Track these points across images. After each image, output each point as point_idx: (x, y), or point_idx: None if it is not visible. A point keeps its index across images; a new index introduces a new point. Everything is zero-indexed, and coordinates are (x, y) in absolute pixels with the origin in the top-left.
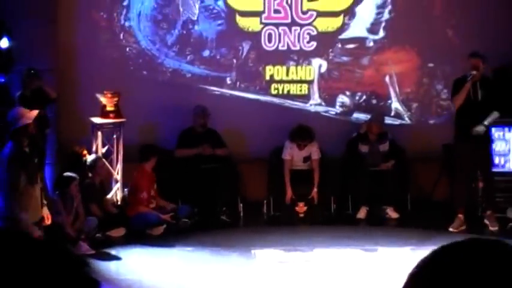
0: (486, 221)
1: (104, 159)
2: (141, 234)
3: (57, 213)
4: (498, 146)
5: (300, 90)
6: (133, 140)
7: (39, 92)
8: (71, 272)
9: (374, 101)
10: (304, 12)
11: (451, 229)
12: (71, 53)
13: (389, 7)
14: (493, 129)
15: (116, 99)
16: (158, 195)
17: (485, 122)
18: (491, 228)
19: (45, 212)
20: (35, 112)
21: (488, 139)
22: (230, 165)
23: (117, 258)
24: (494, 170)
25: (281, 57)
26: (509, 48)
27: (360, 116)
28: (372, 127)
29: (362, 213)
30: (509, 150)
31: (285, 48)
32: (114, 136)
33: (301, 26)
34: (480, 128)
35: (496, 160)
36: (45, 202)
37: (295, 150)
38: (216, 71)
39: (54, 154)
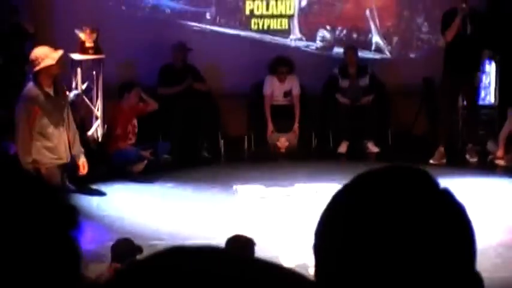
0: (467, 155)
1: (84, 96)
2: (122, 171)
3: None
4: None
5: (280, 25)
6: (113, 76)
7: (17, 28)
8: (48, 198)
9: (354, 36)
10: None
11: (431, 161)
12: None
13: None
14: None
15: (94, 35)
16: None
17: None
18: (470, 160)
19: (82, 160)
20: (60, 52)
21: (476, 72)
22: (210, 101)
23: (98, 194)
24: None
25: None
26: None
27: (340, 51)
28: (349, 58)
29: (343, 148)
30: (489, 83)
31: None
32: (94, 73)
33: None
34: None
35: None
36: (82, 150)
37: (276, 83)
38: (196, 6)
39: None
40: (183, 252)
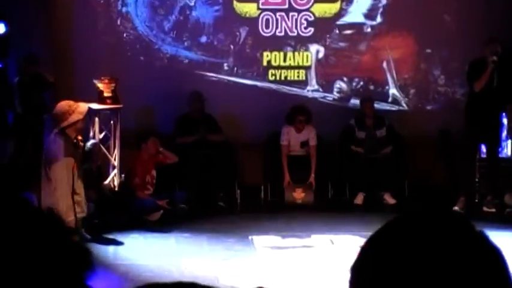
0: (485, 207)
1: (101, 145)
2: (139, 220)
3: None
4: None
5: (298, 76)
6: (131, 125)
7: (37, 77)
8: (65, 240)
9: (371, 87)
10: None
11: (456, 208)
12: (68, 39)
13: None
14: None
15: (113, 85)
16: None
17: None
18: (488, 211)
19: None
20: (87, 106)
21: (498, 124)
22: (227, 150)
23: (114, 243)
24: None
25: (278, 43)
26: (507, 34)
27: (357, 102)
28: (365, 108)
29: (359, 199)
30: (506, 137)
31: (283, 33)
32: (112, 122)
33: (299, 11)
34: None
35: None
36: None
37: (293, 134)
38: (213, 56)
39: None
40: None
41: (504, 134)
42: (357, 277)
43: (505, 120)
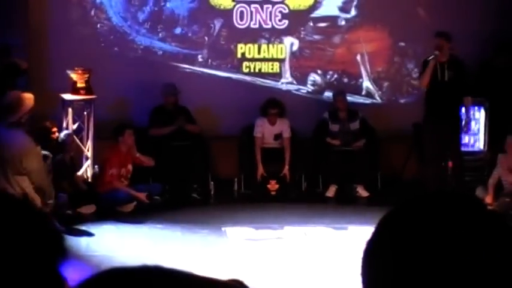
0: None
1: (74, 136)
2: (111, 211)
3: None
4: (472, 125)
5: (272, 69)
6: (104, 117)
7: (10, 66)
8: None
9: (345, 80)
10: None
11: None
12: (41, 29)
13: None
14: (463, 109)
15: (86, 75)
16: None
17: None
18: None
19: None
20: (32, 99)
21: (457, 118)
22: (201, 142)
23: (87, 234)
24: (464, 149)
25: (253, 35)
26: (479, 27)
27: (331, 95)
28: (337, 102)
29: (331, 192)
30: (478, 130)
31: (257, 26)
32: (85, 113)
33: (273, 3)
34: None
35: (466, 139)
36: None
37: (267, 126)
38: (188, 48)
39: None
40: (120, 272)
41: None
42: (371, 261)
43: (477, 114)
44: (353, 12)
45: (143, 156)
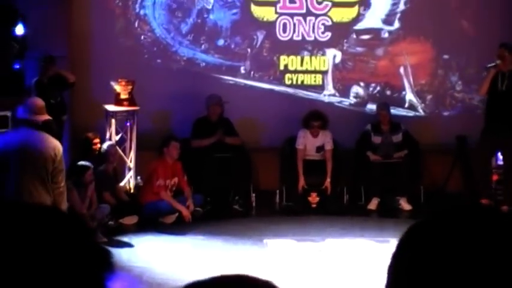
0: None
1: (117, 147)
2: (154, 222)
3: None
4: None
5: (314, 81)
6: (147, 128)
7: (56, 78)
8: (86, 240)
9: (388, 92)
10: (319, 3)
11: None
12: (85, 40)
13: None
14: None
15: (130, 87)
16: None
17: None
18: None
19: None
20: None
21: None
22: (243, 154)
23: (129, 245)
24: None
25: (295, 47)
26: None
27: (374, 107)
28: (381, 116)
29: (373, 204)
30: None
31: (300, 38)
32: (128, 124)
33: (316, 16)
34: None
35: None
36: None
37: (309, 138)
38: (230, 60)
39: (68, 140)
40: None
41: None
42: (396, 273)
43: None
44: (396, 24)
45: (186, 189)
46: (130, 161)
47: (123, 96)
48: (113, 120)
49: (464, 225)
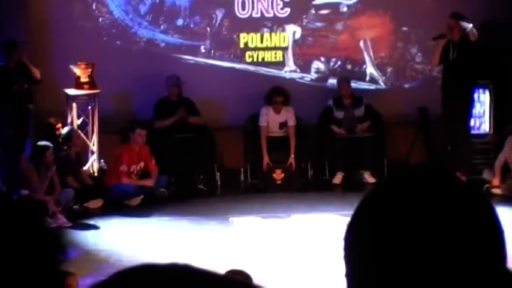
0: None
1: (79, 131)
2: (119, 205)
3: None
4: (474, 108)
5: (275, 57)
6: (109, 111)
7: (22, 66)
8: (37, 224)
9: (349, 67)
10: None
11: None
12: (43, 25)
13: None
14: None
15: (89, 70)
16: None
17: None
18: None
19: None
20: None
21: (467, 102)
22: (206, 133)
23: (95, 229)
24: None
25: (255, 24)
26: (480, 7)
27: (335, 82)
28: (341, 89)
29: (338, 179)
30: (484, 112)
31: (259, 15)
32: (89, 107)
33: None
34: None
35: (472, 122)
36: None
37: (272, 114)
38: (190, 39)
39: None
40: (149, 270)
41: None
42: (352, 241)
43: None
44: None
45: (154, 170)
46: (93, 144)
47: (83, 79)
48: (74, 104)
49: (416, 190)
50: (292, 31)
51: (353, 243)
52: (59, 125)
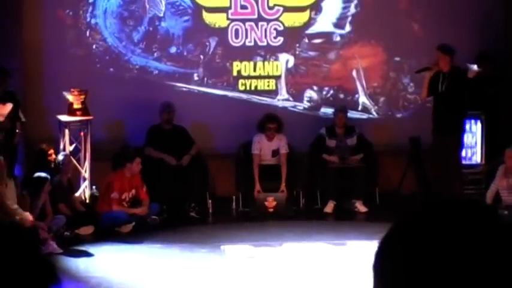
0: None
1: (71, 157)
2: (110, 232)
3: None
4: (465, 139)
5: (268, 86)
6: (101, 137)
7: (10, 95)
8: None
9: (341, 96)
10: (270, 8)
11: None
12: (36, 51)
13: (355, 1)
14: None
15: (82, 96)
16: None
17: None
18: None
19: (26, 214)
20: (8, 107)
21: (457, 132)
22: (198, 161)
23: (86, 255)
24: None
25: (248, 52)
26: (472, 37)
27: (328, 111)
28: (336, 119)
29: (329, 208)
30: (475, 143)
31: (252, 43)
32: (82, 134)
33: (268, 21)
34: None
35: (463, 153)
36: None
37: (264, 142)
38: (183, 67)
39: (22, 152)
40: None
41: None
42: (383, 261)
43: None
44: (347, 28)
45: (145, 198)
46: (85, 171)
47: (76, 106)
48: (67, 131)
49: (448, 218)
50: (285, 60)
51: (382, 272)
52: (51, 151)
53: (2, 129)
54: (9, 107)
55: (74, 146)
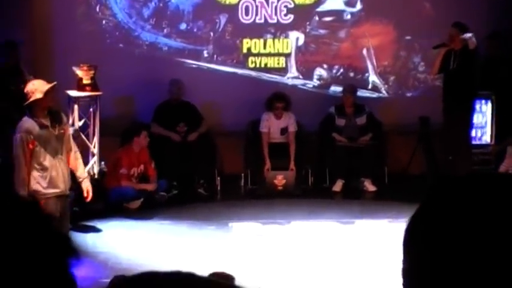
0: None
1: (80, 133)
2: (118, 208)
3: None
4: (475, 119)
5: (277, 64)
6: (110, 113)
7: (18, 68)
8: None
9: (351, 74)
10: None
11: None
12: (46, 26)
13: None
14: None
15: (92, 72)
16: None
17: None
18: None
19: (86, 185)
20: (48, 85)
21: (467, 108)
22: (207, 138)
23: (94, 231)
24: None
25: (258, 30)
26: (485, 19)
27: (337, 89)
28: (345, 99)
29: (338, 186)
30: (485, 123)
31: (262, 21)
32: (91, 109)
33: None
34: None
35: (473, 133)
36: (86, 174)
37: (273, 120)
38: (193, 44)
39: None
40: (154, 278)
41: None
42: (411, 248)
43: (484, 107)
44: (358, 6)
45: (152, 174)
46: (94, 146)
47: (86, 81)
48: (76, 106)
49: (478, 192)
50: (296, 38)
51: (412, 249)
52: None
53: (45, 108)
54: (49, 84)
55: (83, 121)
